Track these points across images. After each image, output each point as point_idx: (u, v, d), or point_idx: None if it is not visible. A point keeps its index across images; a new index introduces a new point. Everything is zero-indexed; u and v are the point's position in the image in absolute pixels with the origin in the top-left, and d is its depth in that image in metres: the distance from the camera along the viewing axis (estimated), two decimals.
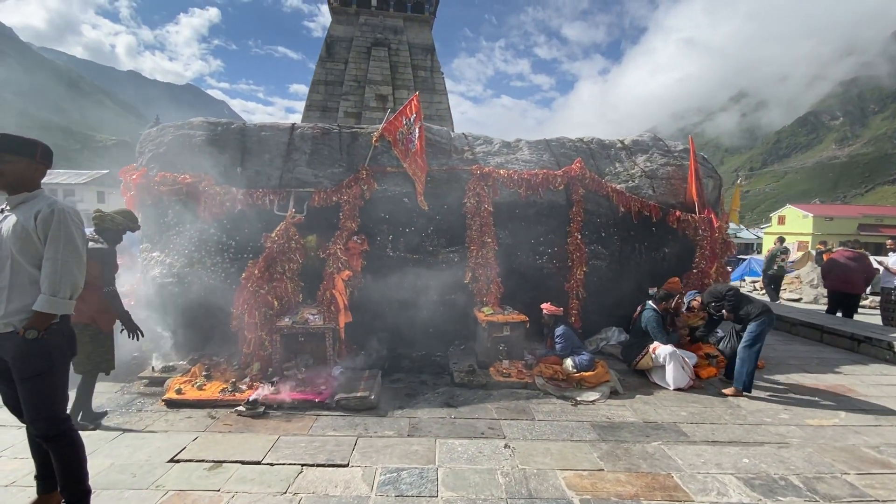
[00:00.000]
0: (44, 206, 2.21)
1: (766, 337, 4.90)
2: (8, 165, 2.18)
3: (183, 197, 5.28)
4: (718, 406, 4.50)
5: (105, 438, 3.29)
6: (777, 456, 3.27)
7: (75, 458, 2.32)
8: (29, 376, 2.16)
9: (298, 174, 5.68)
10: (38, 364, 2.17)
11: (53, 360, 2.23)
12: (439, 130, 6.67)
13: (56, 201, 2.27)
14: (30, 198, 2.26)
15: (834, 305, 8.88)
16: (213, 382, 4.53)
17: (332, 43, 20.31)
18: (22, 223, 2.17)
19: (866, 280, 8.59)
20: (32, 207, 2.22)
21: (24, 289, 2.19)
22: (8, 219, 2.21)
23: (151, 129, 5.78)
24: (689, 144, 7.21)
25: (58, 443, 2.26)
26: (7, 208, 2.26)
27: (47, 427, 2.23)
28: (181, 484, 2.71)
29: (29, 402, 2.19)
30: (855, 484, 2.89)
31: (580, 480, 2.79)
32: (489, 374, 5.02)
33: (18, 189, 2.24)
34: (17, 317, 2.17)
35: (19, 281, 2.18)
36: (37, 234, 2.18)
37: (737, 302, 4.98)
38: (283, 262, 5.11)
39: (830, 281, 8.83)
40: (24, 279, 2.19)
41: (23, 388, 2.18)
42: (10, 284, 2.17)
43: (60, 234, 2.19)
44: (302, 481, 2.76)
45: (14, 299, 2.17)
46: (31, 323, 2.16)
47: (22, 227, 2.16)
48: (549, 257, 6.28)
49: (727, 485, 2.80)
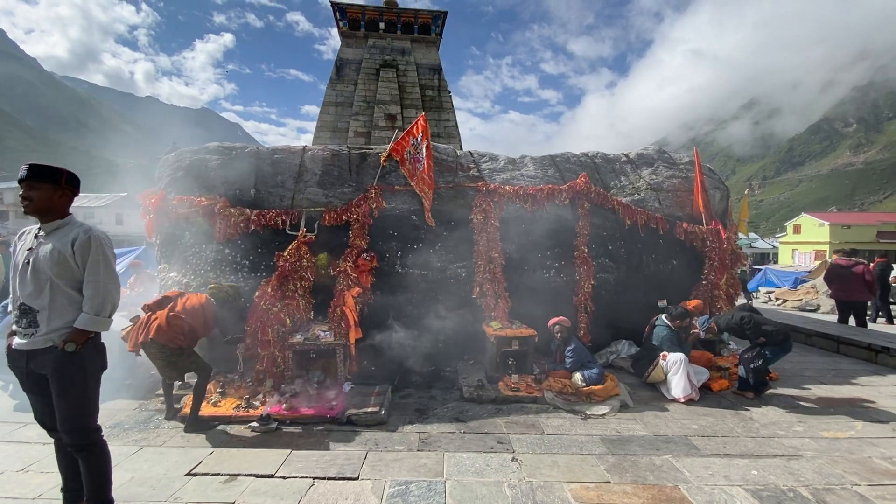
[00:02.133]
0: (80, 233, 2.37)
1: None
2: (35, 192, 2.34)
3: (199, 219, 5.48)
4: (731, 419, 4.47)
5: (125, 453, 3.40)
6: (787, 468, 3.25)
7: (105, 467, 2.46)
8: (68, 387, 2.32)
9: (309, 194, 5.85)
10: (77, 376, 2.34)
11: (89, 372, 2.40)
12: (445, 149, 6.82)
13: (91, 228, 2.44)
14: (63, 224, 2.41)
15: (843, 314, 8.87)
16: (228, 399, 4.63)
17: (342, 65, 20.82)
18: (59, 249, 2.32)
19: (868, 286, 8.51)
20: (68, 234, 2.38)
21: (64, 309, 2.36)
22: (44, 245, 2.36)
23: (169, 155, 6.02)
24: (695, 156, 7.26)
25: (90, 451, 2.40)
26: (42, 234, 2.40)
27: (81, 436, 2.37)
28: (198, 496, 2.81)
29: (66, 413, 2.33)
30: (866, 495, 2.85)
31: (586, 492, 2.81)
32: (498, 388, 5.04)
33: (47, 215, 2.39)
34: (56, 333, 2.34)
35: (59, 302, 2.35)
36: (74, 260, 2.34)
37: (756, 328, 5.11)
38: (295, 280, 5.25)
39: (833, 290, 8.94)
40: (64, 300, 2.36)
41: (61, 399, 2.33)
42: (50, 305, 2.33)
43: (99, 258, 2.38)
44: (313, 494, 2.83)
45: (54, 318, 2.34)
46: (71, 337, 2.32)
47: (59, 253, 2.32)
48: (556, 271, 6.33)
49: (735, 497, 2.79)
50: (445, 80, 21.99)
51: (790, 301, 12.59)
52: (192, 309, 4.20)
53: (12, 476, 3.07)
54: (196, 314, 4.18)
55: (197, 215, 5.47)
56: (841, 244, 39.24)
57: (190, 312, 4.16)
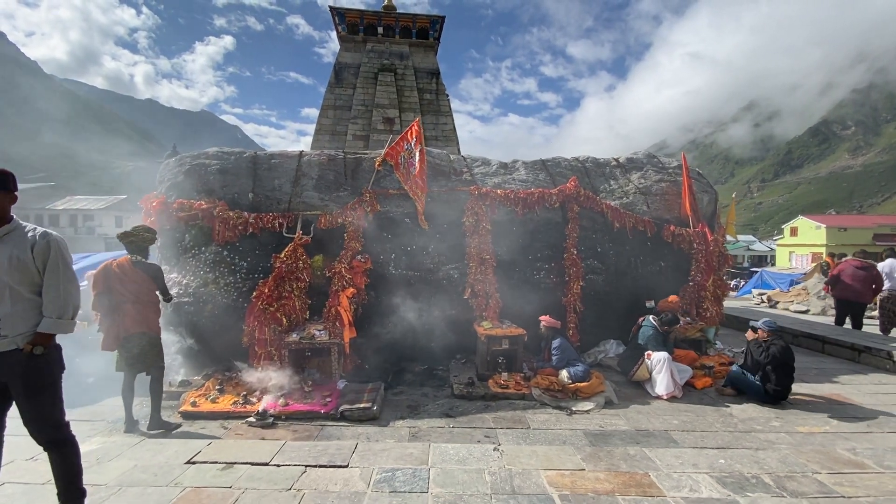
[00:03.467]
0: (37, 237, 2.37)
1: None
2: None
3: (199, 222, 5.66)
4: (711, 415, 4.64)
5: (128, 444, 3.59)
6: (754, 457, 3.43)
7: (76, 459, 2.54)
8: (40, 388, 2.36)
9: (306, 198, 6.04)
10: (47, 377, 2.39)
11: (56, 372, 2.46)
12: (439, 153, 7.01)
13: (46, 231, 2.43)
14: (11, 228, 2.35)
15: (841, 314, 8.91)
16: (226, 395, 4.81)
17: (341, 69, 21.06)
18: (17, 255, 2.31)
19: (874, 290, 8.62)
20: (22, 238, 2.35)
21: (26, 313, 2.36)
22: None
23: (170, 160, 6.21)
24: (682, 161, 7.45)
25: (63, 445, 2.47)
26: None
27: (55, 433, 2.44)
28: (197, 481, 2.99)
29: (38, 413, 2.38)
30: (825, 482, 3.03)
31: (561, 479, 2.99)
32: (488, 386, 5.22)
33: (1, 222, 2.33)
34: (20, 337, 2.35)
35: (20, 308, 2.34)
36: (35, 265, 2.35)
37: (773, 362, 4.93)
38: (292, 281, 5.43)
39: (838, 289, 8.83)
40: (25, 305, 2.36)
41: (32, 400, 2.36)
42: (11, 312, 2.32)
43: (59, 262, 2.40)
44: (305, 479, 3.02)
45: (17, 324, 2.34)
46: (37, 340, 2.35)
47: (18, 259, 2.30)
48: (546, 272, 6.51)
49: (700, 482, 2.97)
50: (443, 83, 22.22)
51: (781, 302, 12.77)
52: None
53: (22, 464, 3.26)
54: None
55: (197, 218, 5.66)
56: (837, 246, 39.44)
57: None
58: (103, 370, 4.56)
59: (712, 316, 6.82)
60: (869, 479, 3.06)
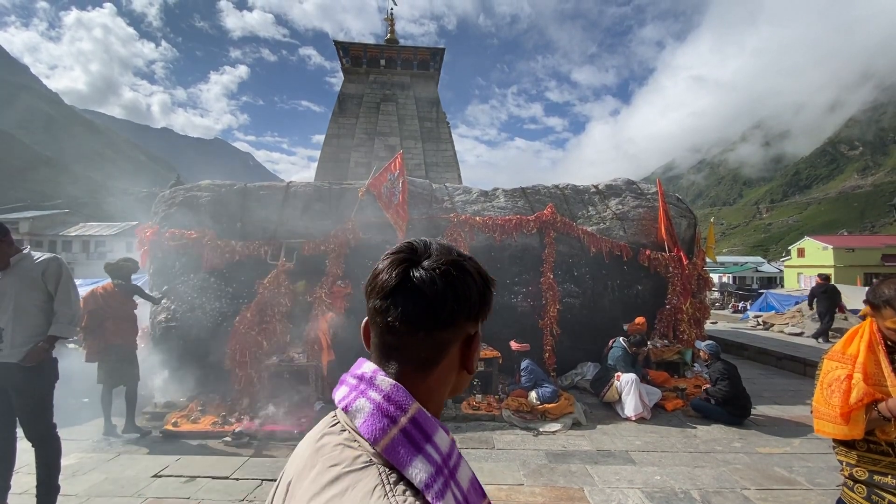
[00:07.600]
0: (49, 262, 2.83)
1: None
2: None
3: (189, 250, 5.99)
4: (675, 436, 4.75)
5: (104, 459, 3.83)
6: (690, 475, 3.55)
7: (58, 455, 2.89)
8: (42, 390, 2.78)
9: (291, 227, 6.36)
10: (46, 381, 2.81)
11: (52, 378, 2.87)
12: (421, 183, 7.34)
13: (54, 255, 2.93)
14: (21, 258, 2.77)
15: None
16: (207, 416, 5.03)
17: (344, 100, 21.84)
18: (32, 277, 2.75)
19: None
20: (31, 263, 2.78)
21: (29, 325, 2.75)
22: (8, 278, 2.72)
23: (165, 192, 6.60)
24: (657, 187, 7.70)
25: (51, 442, 2.84)
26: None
27: (46, 430, 2.82)
28: (159, 493, 3.22)
29: (36, 413, 2.78)
30: (750, 497, 3.15)
31: (497, 492, 3.14)
32: (460, 408, 5.37)
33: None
34: (20, 348, 2.71)
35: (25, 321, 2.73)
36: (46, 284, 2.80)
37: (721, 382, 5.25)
38: (274, 306, 5.70)
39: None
40: (30, 319, 2.76)
41: (31, 401, 2.76)
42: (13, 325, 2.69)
43: (69, 280, 2.90)
44: (258, 492, 3.22)
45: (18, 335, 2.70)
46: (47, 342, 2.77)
47: (32, 280, 2.75)
48: (523, 296, 6.71)
49: (629, 497, 3.11)
50: (444, 112, 22.89)
51: (776, 325, 12.73)
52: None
53: None
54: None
55: (187, 247, 5.99)
56: (845, 267, 38.99)
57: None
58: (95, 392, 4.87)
59: (689, 339, 6.94)
60: (795, 494, 3.17)
